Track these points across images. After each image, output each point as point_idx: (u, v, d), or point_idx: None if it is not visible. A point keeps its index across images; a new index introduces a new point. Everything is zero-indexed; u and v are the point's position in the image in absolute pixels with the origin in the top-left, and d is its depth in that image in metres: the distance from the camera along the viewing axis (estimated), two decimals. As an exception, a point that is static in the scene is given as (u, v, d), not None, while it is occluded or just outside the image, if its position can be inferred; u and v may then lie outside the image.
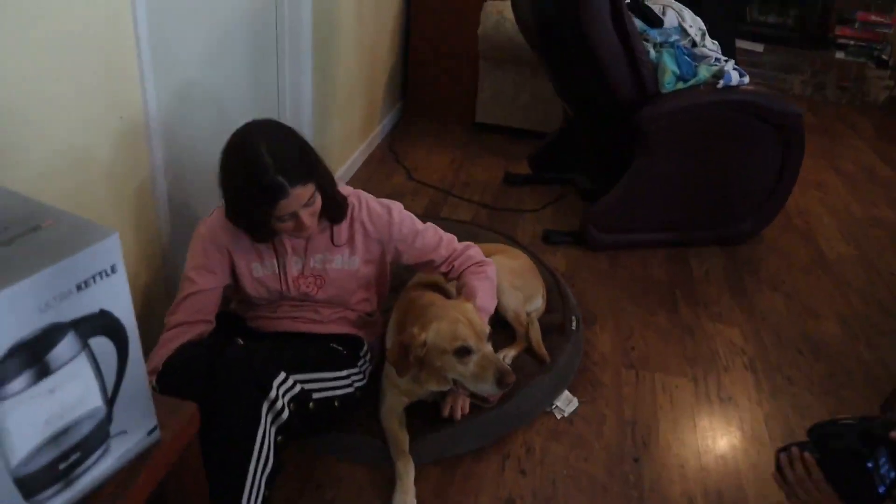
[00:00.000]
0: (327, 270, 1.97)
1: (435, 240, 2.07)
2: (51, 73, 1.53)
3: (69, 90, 1.60)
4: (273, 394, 1.63)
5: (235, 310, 2.10)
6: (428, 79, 4.50)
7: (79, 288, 0.83)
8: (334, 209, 1.90)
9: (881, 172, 4.40)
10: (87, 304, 0.85)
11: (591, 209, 3.18)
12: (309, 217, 1.78)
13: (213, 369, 1.62)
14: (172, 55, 2.08)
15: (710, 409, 2.28)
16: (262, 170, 1.66)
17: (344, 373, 1.95)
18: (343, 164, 3.61)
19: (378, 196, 2.04)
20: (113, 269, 0.87)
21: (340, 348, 2.00)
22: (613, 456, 2.07)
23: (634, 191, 3.13)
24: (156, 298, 2.12)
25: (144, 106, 1.89)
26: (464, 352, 1.80)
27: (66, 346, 0.85)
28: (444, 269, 2.08)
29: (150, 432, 0.99)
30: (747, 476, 2.03)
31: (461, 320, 1.83)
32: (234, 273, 1.95)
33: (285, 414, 1.67)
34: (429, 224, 2.09)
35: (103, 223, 1.78)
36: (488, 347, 1.83)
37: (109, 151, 1.80)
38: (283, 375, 1.69)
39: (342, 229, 1.96)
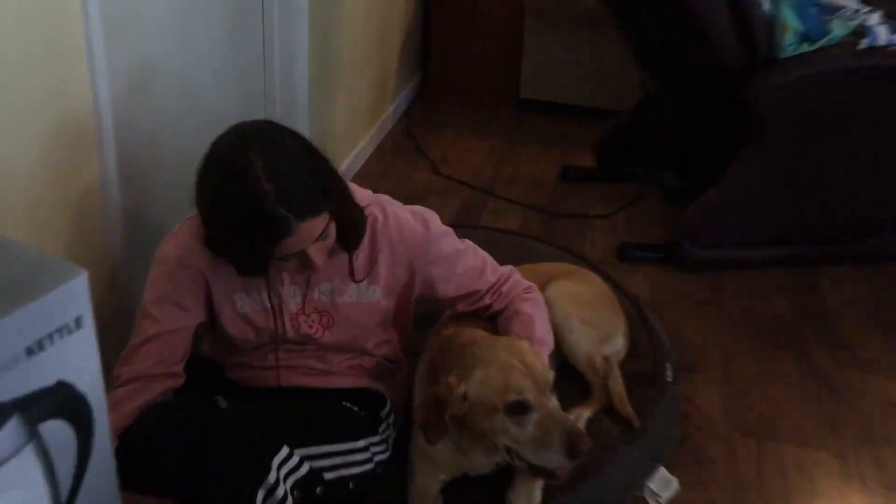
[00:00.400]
0: (338, 305, 1.90)
1: (478, 262, 2.02)
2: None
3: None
4: (272, 477, 1.57)
5: (209, 354, 2.04)
6: (455, 44, 4.47)
7: (29, 352, 0.76)
8: (350, 232, 1.82)
9: None
10: (39, 375, 0.78)
11: (684, 215, 3.12)
12: (319, 254, 1.72)
13: (192, 447, 1.56)
14: (128, 24, 2.04)
15: (867, 499, 2.19)
16: (260, 200, 1.56)
17: (361, 443, 1.88)
18: (347, 156, 3.57)
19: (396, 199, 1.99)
20: (78, 324, 0.80)
21: (356, 409, 1.94)
22: (733, 562, 1.99)
23: (742, 190, 3.06)
24: (105, 340, 2.06)
25: (93, 90, 1.85)
26: (519, 408, 1.69)
27: (6, 437, 0.77)
28: (489, 300, 2.03)
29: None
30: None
31: (515, 366, 1.73)
32: (210, 307, 1.88)
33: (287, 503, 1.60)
34: (467, 241, 2.03)
35: (34, 244, 1.76)
36: (553, 402, 1.72)
37: (47, 149, 1.76)
38: (285, 451, 1.63)
39: (362, 250, 1.89)
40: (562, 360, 2.32)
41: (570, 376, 2.29)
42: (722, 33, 2.89)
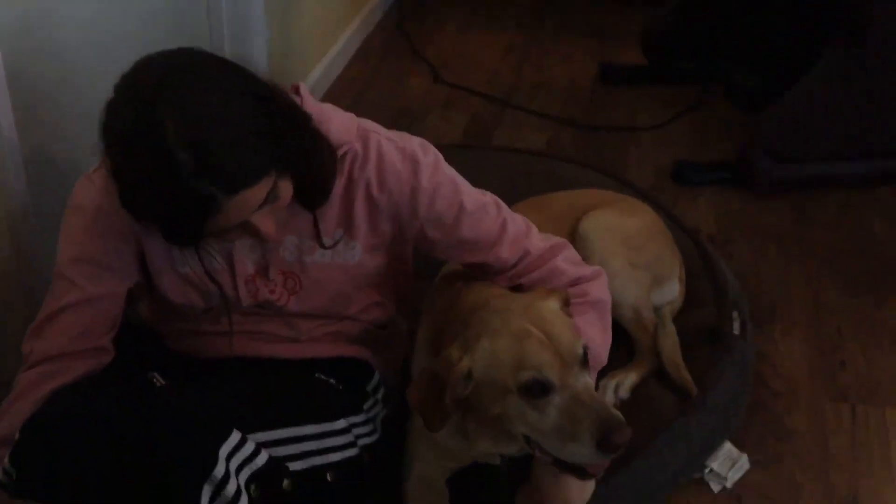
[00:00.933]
0: (306, 266, 1.88)
1: (495, 226, 1.93)
2: None
3: None
4: (220, 470, 1.58)
5: (146, 318, 2.06)
6: None
7: None
8: (313, 190, 1.77)
9: None
10: None
11: (758, 124, 3.11)
12: (269, 221, 1.67)
13: (116, 437, 1.57)
14: None
15: None
16: (173, 174, 1.48)
17: (340, 423, 1.89)
18: (320, 61, 3.54)
19: (386, 121, 1.95)
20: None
21: (332, 381, 1.96)
22: (818, 560, 2.03)
23: (833, 93, 3.03)
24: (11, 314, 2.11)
25: None
26: (538, 389, 1.66)
27: None
28: (504, 283, 1.98)
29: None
30: None
31: (533, 334, 1.68)
32: (143, 265, 1.87)
33: (243, 501, 1.62)
34: (487, 195, 1.95)
35: None
36: (582, 380, 1.69)
37: None
38: (236, 438, 1.63)
39: (333, 198, 1.87)
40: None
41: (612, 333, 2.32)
42: None
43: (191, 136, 1.46)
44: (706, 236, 2.81)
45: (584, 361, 1.70)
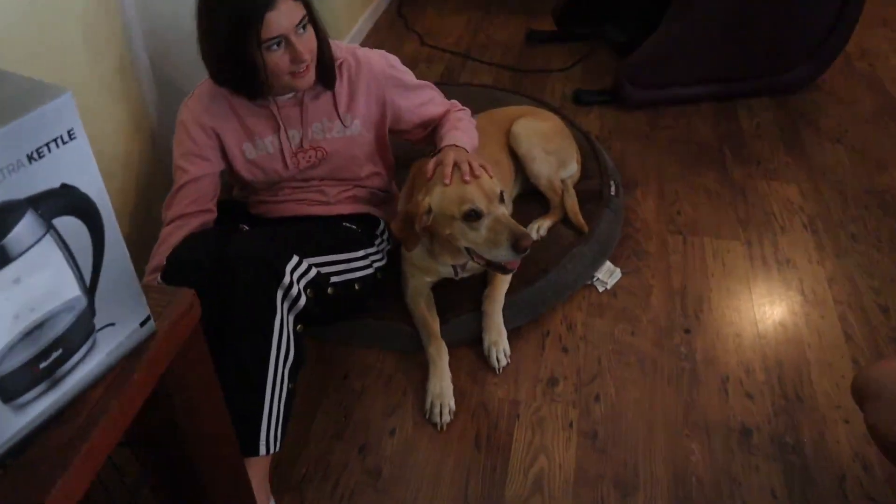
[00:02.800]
0: (328, 140, 1.83)
1: (430, 93, 1.98)
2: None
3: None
4: (287, 280, 1.55)
5: (237, 196, 2.01)
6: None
7: (30, 159, 0.72)
8: (326, 64, 1.73)
9: (953, 4, 4.07)
10: (44, 179, 0.74)
11: (626, 63, 2.98)
12: (303, 46, 1.60)
13: (220, 260, 1.54)
14: None
15: (766, 273, 2.18)
16: None
17: (361, 253, 1.86)
18: (348, 34, 3.40)
19: None
20: (70, 135, 0.75)
21: (354, 227, 1.91)
22: (662, 329, 1.99)
23: (674, 38, 2.89)
24: (152, 185, 2.03)
25: None
26: (473, 216, 1.66)
27: (26, 227, 0.74)
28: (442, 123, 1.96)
29: (142, 323, 0.91)
30: (810, 341, 1.95)
31: (468, 181, 1.71)
32: (225, 157, 1.82)
33: (302, 301, 1.59)
34: (423, 81, 1.98)
35: (87, 101, 1.69)
36: (500, 209, 1.68)
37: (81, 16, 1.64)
38: (295, 259, 1.60)
39: (342, 90, 1.81)
40: (527, 183, 2.29)
41: (534, 196, 2.28)
42: None
43: None
44: (595, 136, 2.72)
45: (501, 198, 1.70)
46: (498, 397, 1.82)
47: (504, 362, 1.88)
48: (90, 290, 0.84)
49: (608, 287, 2.12)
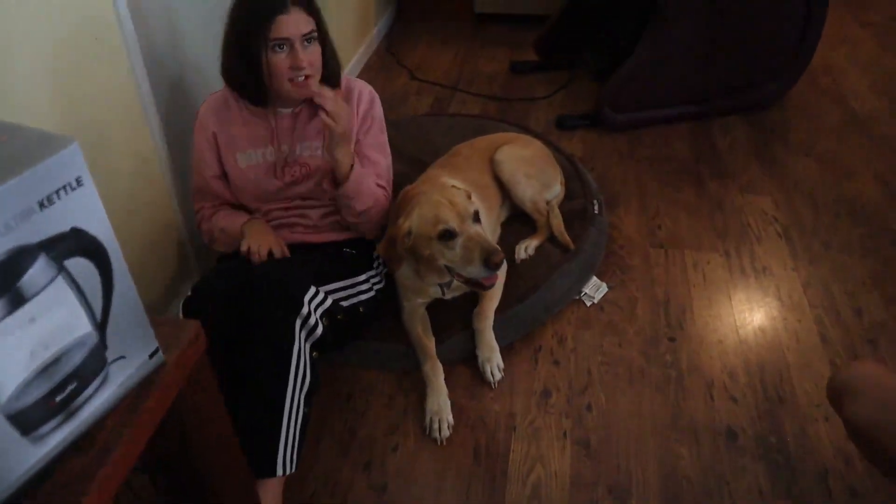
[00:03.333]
0: (313, 158, 1.85)
1: (383, 154, 1.96)
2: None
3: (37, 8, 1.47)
4: (305, 310, 1.58)
5: None
6: (420, -28, 4.26)
7: (41, 206, 0.74)
8: (331, 67, 1.80)
9: (911, 20, 4.13)
10: (55, 223, 0.77)
11: (605, 88, 3.02)
12: (305, 56, 1.67)
13: (242, 290, 1.57)
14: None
15: (744, 281, 2.20)
16: None
17: (363, 277, 1.89)
18: (343, 72, 3.43)
19: (382, 104, 1.97)
20: (78, 182, 0.78)
21: (354, 252, 1.94)
22: (648, 339, 2.01)
23: (648, 63, 2.95)
24: (165, 222, 2.05)
25: (118, 23, 1.72)
26: (447, 235, 1.69)
27: (39, 270, 0.77)
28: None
29: (151, 355, 0.93)
30: (789, 345, 1.96)
31: (443, 203, 1.72)
32: (221, 163, 1.88)
33: (319, 330, 1.61)
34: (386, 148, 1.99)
35: (97, 149, 1.70)
36: (473, 228, 1.71)
37: (88, 65, 1.67)
38: (313, 290, 1.63)
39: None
40: (515, 206, 2.31)
41: (521, 218, 2.30)
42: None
43: None
44: (578, 158, 2.75)
45: (477, 218, 1.74)
46: (494, 411, 1.83)
47: (499, 377, 1.89)
48: (101, 325, 0.86)
49: (595, 301, 2.14)
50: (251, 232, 1.80)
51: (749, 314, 2.07)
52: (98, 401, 0.88)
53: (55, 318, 0.80)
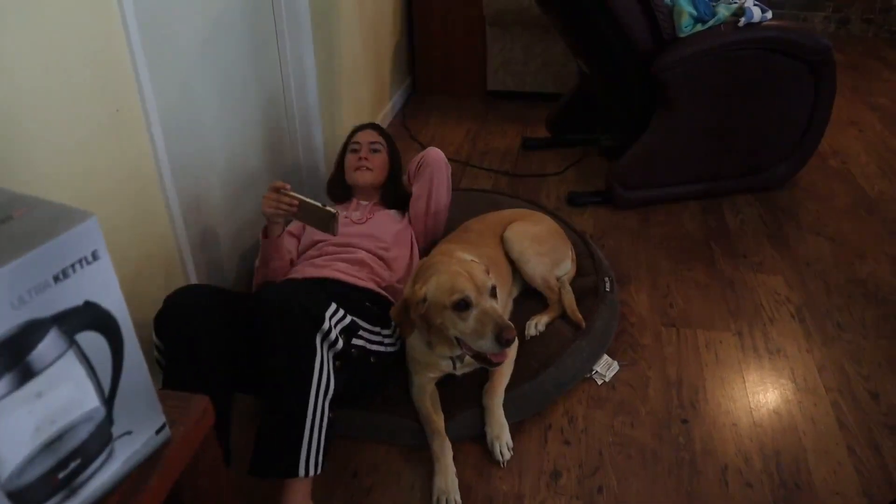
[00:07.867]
0: (373, 212, 2.31)
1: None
2: (40, 69, 1.45)
3: (62, 88, 1.51)
4: (326, 325, 1.61)
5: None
6: (435, 51, 4.39)
7: (56, 279, 0.75)
8: (392, 193, 2.38)
9: (917, 104, 4.19)
10: (68, 297, 0.77)
11: (616, 166, 3.06)
12: (369, 155, 2.37)
13: (258, 307, 1.60)
14: (166, 47, 1.98)
15: (758, 362, 2.16)
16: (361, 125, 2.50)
17: (387, 330, 1.93)
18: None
19: None
20: (94, 256, 0.79)
21: (374, 308, 1.96)
22: (661, 420, 1.97)
23: (659, 144, 2.99)
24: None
25: (141, 101, 1.78)
26: (462, 305, 1.69)
27: (50, 344, 0.76)
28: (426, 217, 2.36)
29: (158, 431, 0.91)
30: (805, 429, 1.92)
31: (461, 273, 1.72)
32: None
33: (339, 345, 1.65)
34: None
35: (111, 222, 1.73)
36: (489, 302, 1.70)
37: (110, 147, 1.70)
38: (333, 307, 1.66)
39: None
40: (526, 283, 2.31)
41: (533, 294, 2.29)
42: (634, 23, 2.82)
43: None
44: (589, 235, 2.76)
45: (493, 293, 1.74)
46: (503, 491, 1.78)
47: (507, 455, 1.85)
48: (109, 400, 0.85)
49: (607, 380, 2.11)
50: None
51: (763, 396, 2.03)
52: (102, 478, 0.86)
53: (63, 392, 0.80)
